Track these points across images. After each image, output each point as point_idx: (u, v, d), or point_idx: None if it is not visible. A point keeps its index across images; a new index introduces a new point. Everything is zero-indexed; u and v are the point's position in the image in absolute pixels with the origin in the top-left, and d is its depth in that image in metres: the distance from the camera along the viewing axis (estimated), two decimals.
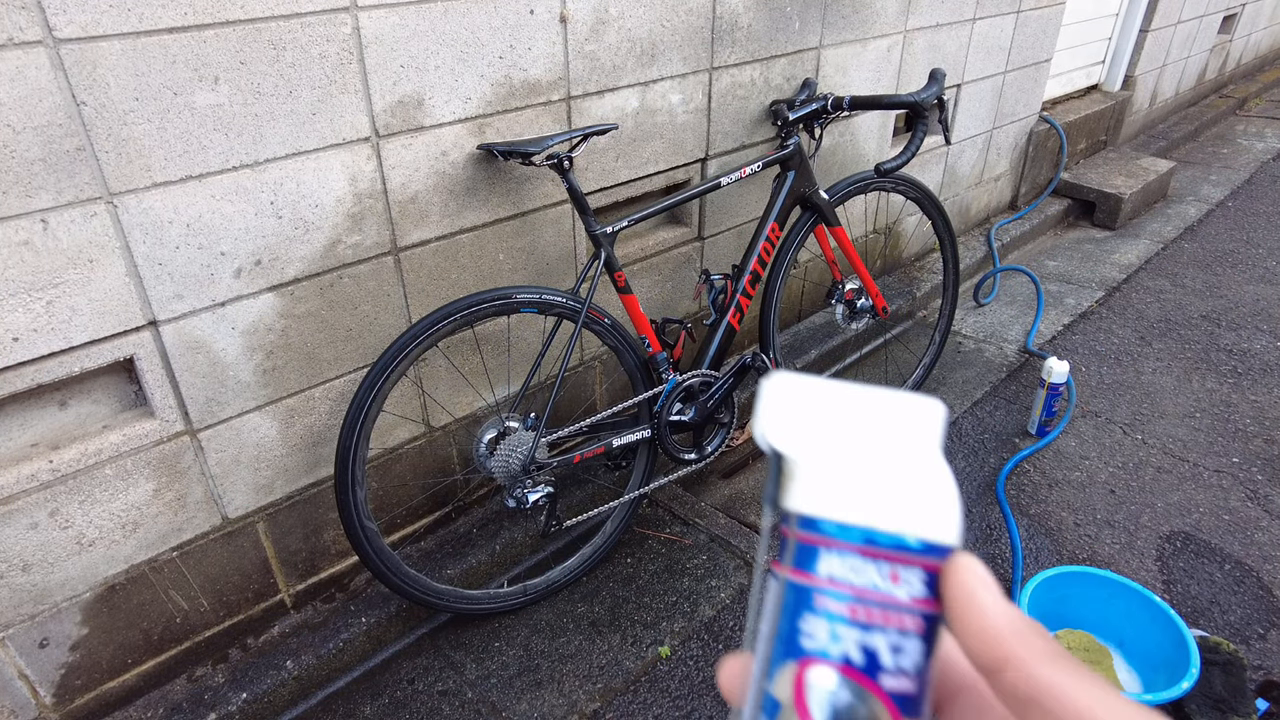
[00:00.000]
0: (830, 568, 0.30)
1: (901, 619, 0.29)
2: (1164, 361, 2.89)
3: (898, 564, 0.29)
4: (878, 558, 0.29)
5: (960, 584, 0.29)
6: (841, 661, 0.29)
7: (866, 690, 0.29)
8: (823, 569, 0.30)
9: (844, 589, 0.29)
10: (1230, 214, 4.14)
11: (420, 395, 1.81)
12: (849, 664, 0.29)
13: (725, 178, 1.95)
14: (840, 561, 0.30)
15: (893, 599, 0.29)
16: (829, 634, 0.29)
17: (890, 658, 0.29)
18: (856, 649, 0.29)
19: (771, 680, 0.30)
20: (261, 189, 1.41)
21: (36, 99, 1.16)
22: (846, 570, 0.29)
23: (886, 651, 0.29)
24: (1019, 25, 3.23)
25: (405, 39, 1.49)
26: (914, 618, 0.29)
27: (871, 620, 0.29)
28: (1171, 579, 1.98)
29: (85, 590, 1.45)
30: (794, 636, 0.30)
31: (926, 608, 0.30)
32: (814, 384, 0.33)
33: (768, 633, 0.31)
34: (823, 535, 0.30)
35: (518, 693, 1.70)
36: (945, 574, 0.30)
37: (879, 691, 0.29)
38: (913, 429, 0.32)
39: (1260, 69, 6.52)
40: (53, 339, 1.27)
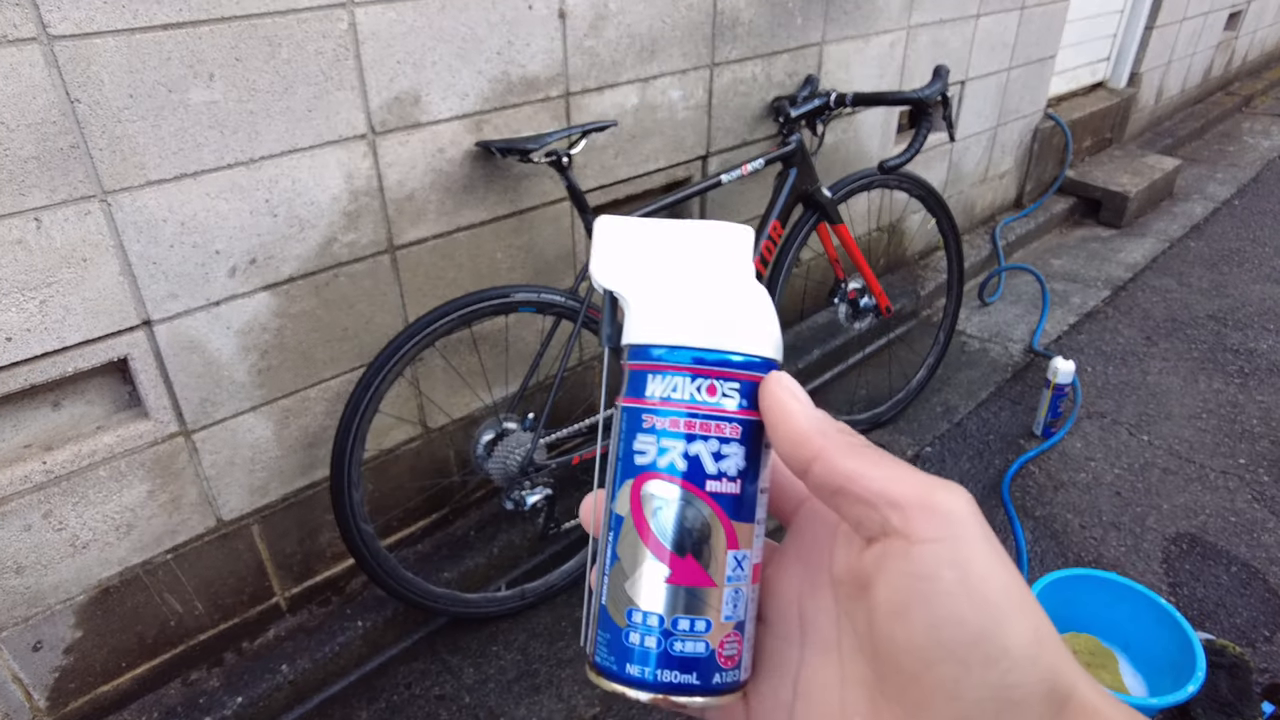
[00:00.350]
0: (656, 388, 0.32)
1: (722, 427, 0.32)
2: (1170, 361, 2.86)
3: (716, 378, 0.32)
4: (698, 373, 0.32)
5: (772, 396, 0.31)
6: (669, 471, 0.31)
7: (695, 495, 0.31)
8: (650, 391, 0.32)
9: (668, 405, 0.32)
10: (1237, 212, 4.12)
11: (417, 396, 1.80)
12: (675, 473, 0.31)
13: (726, 175, 1.93)
14: (664, 382, 0.32)
15: (712, 409, 0.32)
16: (657, 448, 0.32)
17: (714, 464, 0.31)
18: (682, 458, 0.31)
19: (615, 500, 0.33)
20: (257, 187, 1.40)
21: (30, 96, 1.14)
22: (669, 389, 0.32)
23: (710, 459, 0.31)
24: (1023, 21, 3.20)
25: (402, 35, 1.48)
26: (733, 425, 0.32)
27: (693, 430, 0.31)
28: (1178, 581, 1.96)
29: (79, 593, 1.43)
30: (630, 457, 0.32)
31: (746, 415, 0.32)
32: (636, 224, 0.35)
33: (612, 459, 0.34)
34: (655, 361, 0.32)
35: (516, 698, 1.68)
36: (761, 389, 0.32)
37: (705, 495, 0.31)
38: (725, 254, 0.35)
39: (1266, 66, 6.48)
40: (46, 339, 1.26)
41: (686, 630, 0.31)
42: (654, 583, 0.32)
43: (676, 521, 0.31)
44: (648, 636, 0.31)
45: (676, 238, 0.35)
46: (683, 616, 0.31)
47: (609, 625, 0.33)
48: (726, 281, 0.34)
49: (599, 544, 0.34)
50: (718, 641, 0.32)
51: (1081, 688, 0.27)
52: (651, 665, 0.31)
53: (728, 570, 0.32)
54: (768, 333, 0.33)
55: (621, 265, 0.35)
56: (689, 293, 0.33)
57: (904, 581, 0.28)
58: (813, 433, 0.30)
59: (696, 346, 0.32)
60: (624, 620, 0.32)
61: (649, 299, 0.34)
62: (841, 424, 0.31)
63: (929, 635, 0.27)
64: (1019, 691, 0.26)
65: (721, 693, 0.32)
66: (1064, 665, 0.27)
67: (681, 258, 0.35)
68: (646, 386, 0.32)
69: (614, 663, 0.32)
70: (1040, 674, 0.26)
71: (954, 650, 0.27)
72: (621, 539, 0.32)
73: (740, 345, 0.32)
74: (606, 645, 0.33)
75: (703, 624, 0.32)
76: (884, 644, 0.29)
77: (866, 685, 0.31)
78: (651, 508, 0.32)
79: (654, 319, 0.33)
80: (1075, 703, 0.27)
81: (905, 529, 0.28)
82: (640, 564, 0.32)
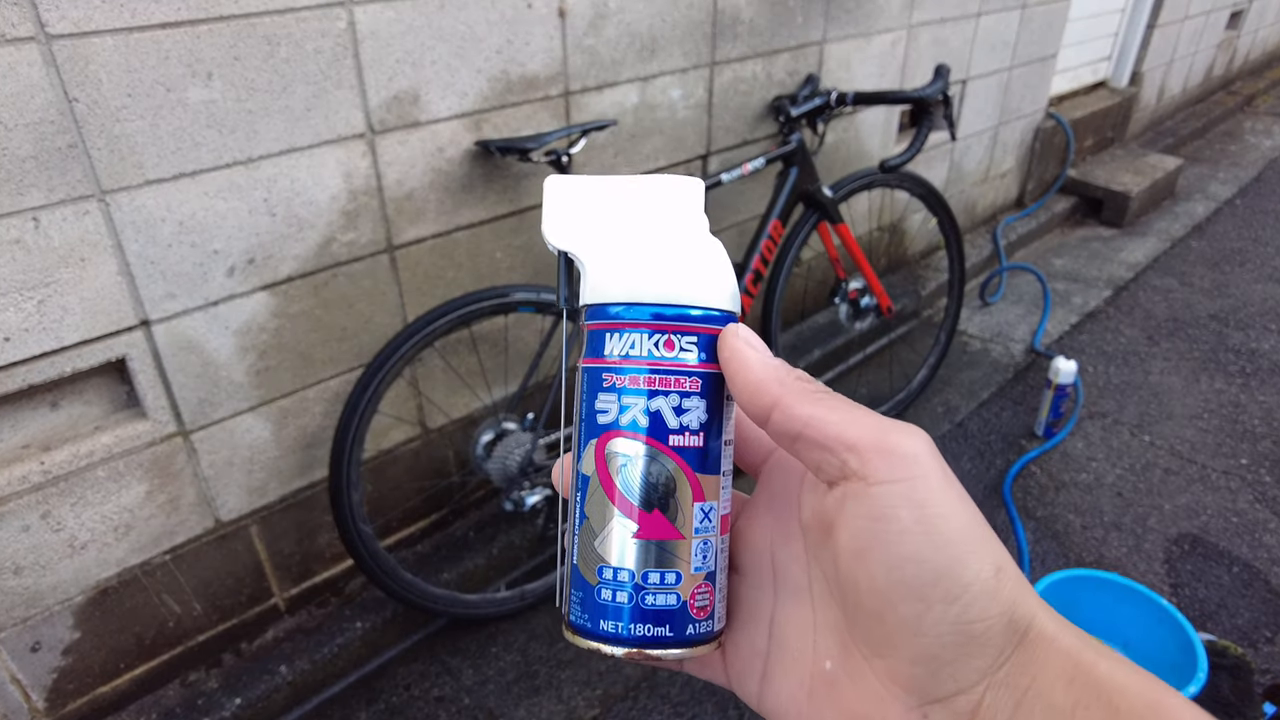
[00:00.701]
0: (615, 347, 0.32)
1: (681, 381, 0.32)
2: (1172, 361, 2.85)
3: (674, 333, 0.32)
4: (654, 329, 0.32)
5: (729, 347, 0.32)
6: (631, 429, 0.32)
7: (658, 450, 0.31)
8: (608, 349, 0.32)
9: (627, 363, 0.32)
10: (1238, 212, 4.11)
11: (416, 396, 1.79)
12: (638, 429, 0.32)
13: (726, 174, 1.92)
14: (621, 339, 0.32)
15: (671, 364, 0.32)
16: (618, 406, 0.32)
17: (675, 418, 0.32)
18: (643, 415, 0.32)
19: (580, 461, 0.33)
20: (255, 186, 1.39)
21: (28, 96, 1.14)
22: (626, 346, 0.32)
23: (670, 414, 0.32)
24: (1024, 20, 3.19)
25: (401, 33, 1.47)
26: (692, 379, 0.32)
27: (653, 386, 0.31)
28: (1179, 582, 1.95)
29: (77, 593, 1.43)
30: (592, 416, 0.32)
31: (706, 369, 0.32)
32: (586, 181, 0.35)
33: (576, 421, 0.34)
34: (607, 320, 0.32)
35: (515, 699, 1.68)
36: (719, 341, 0.32)
37: (668, 450, 0.32)
38: (677, 209, 0.35)
39: (1268, 65, 6.47)
40: (44, 339, 1.26)
41: (657, 583, 0.32)
42: (622, 539, 0.32)
43: (641, 477, 0.32)
44: (619, 592, 0.32)
45: (628, 194, 0.35)
46: (652, 570, 0.32)
47: (581, 584, 0.33)
48: (680, 236, 0.34)
49: (569, 506, 0.34)
50: (689, 593, 0.32)
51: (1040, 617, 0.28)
52: (625, 620, 0.32)
53: (695, 523, 0.32)
54: (724, 285, 0.33)
55: (574, 224, 0.35)
56: (644, 249, 0.33)
57: (863, 524, 0.28)
58: (770, 381, 0.30)
59: (653, 302, 0.32)
60: (595, 578, 0.32)
61: (604, 257, 0.33)
62: (800, 371, 0.31)
63: (889, 575, 0.28)
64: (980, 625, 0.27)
65: (696, 643, 0.33)
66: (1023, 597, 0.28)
67: (634, 214, 0.35)
68: (605, 345, 0.32)
69: (588, 620, 0.33)
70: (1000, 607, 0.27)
71: (915, 588, 0.27)
72: (589, 498, 0.33)
73: (697, 299, 0.32)
74: (580, 603, 0.33)
75: (673, 576, 0.32)
76: (849, 586, 0.30)
77: (836, 628, 0.31)
78: (616, 465, 0.32)
79: (610, 277, 0.33)
80: (1035, 632, 0.27)
81: (863, 471, 0.28)
82: (608, 521, 0.32)
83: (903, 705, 0.29)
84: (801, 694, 0.32)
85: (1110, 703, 0.25)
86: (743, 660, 0.35)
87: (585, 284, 0.34)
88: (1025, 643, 0.27)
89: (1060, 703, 0.26)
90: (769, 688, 0.34)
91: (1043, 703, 0.26)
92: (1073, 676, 0.26)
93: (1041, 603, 0.28)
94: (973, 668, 0.27)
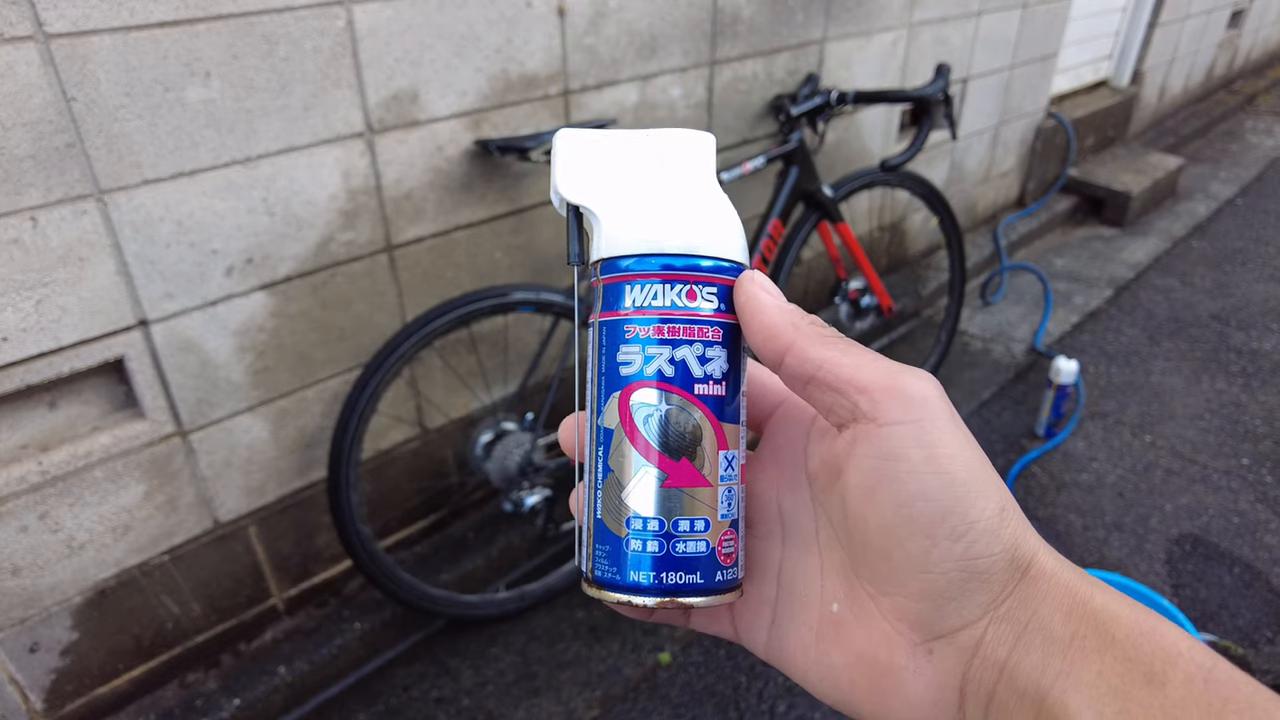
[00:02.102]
0: (634, 298, 0.32)
1: (704, 331, 0.32)
2: (1173, 361, 2.85)
3: (694, 283, 0.32)
4: (675, 280, 0.32)
5: (745, 292, 0.32)
6: (656, 379, 0.32)
7: (683, 399, 0.32)
8: (628, 301, 0.32)
9: (649, 314, 0.32)
10: (1240, 211, 4.10)
11: (415, 396, 1.79)
12: (663, 379, 0.32)
13: (727, 173, 1.92)
14: (642, 291, 0.32)
15: (693, 314, 0.32)
16: (642, 357, 0.32)
17: (699, 367, 0.32)
18: (668, 364, 0.32)
19: (601, 415, 0.33)
20: (253, 185, 1.39)
21: (26, 95, 1.13)
22: (648, 297, 0.32)
23: (695, 362, 0.32)
24: (1025, 19, 3.19)
25: (400, 32, 1.47)
26: (714, 329, 0.32)
27: (677, 336, 0.32)
28: (1180, 582, 1.95)
29: (75, 594, 1.42)
30: (614, 369, 0.33)
31: (725, 319, 0.33)
32: (597, 136, 0.35)
33: (593, 376, 0.34)
34: (625, 273, 0.32)
35: (515, 700, 1.67)
36: (736, 286, 0.33)
37: (693, 399, 0.32)
38: (690, 163, 0.35)
39: (1269, 65, 6.46)
40: (42, 339, 1.25)
41: (687, 530, 0.32)
42: (651, 488, 0.32)
43: (669, 426, 0.32)
44: (649, 541, 0.32)
45: (639, 148, 0.35)
46: (682, 518, 0.32)
47: (607, 537, 0.33)
48: (694, 188, 0.34)
49: (587, 463, 0.34)
50: (717, 539, 0.32)
51: (1041, 554, 0.29)
52: (656, 569, 0.32)
53: (720, 470, 0.32)
54: (739, 237, 0.34)
55: (586, 179, 0.34)
56: (660, 202, 0.33)
57: (873, 463, 0.29)
58: (785, 324, 0.31)
59: (675, 253, 0.32)
60: (623, 529, 0.32)
61: (620, 211, 0.33)
62: (814, 317, 0.32)
63: (898, 512, 0.29)
64: (984, 562, 0.28)
65: (724, 590, 0.33)
66: (1025, 535, 0.29)
67: (646, 168, 0.34)
68: (625, 297, 0.32)
69: (616, 573, 0.32)
70: (1003, 545, 0.28)
71: (922, 525, 0.28)
72: (613, 451, 0.33)
73: (715, 250, 0.32)
74: (607, 557, 0.33)
75: (702, 524, 0.32)
76: (857, 525, 0.31)
77: (843, 571, 0.32)
78: (642, 416, 0.32)
79: (628, 229, 0.33)
80: (1035, 568, 0.28)
81: (873, 413, 0.29)
82: (635, 472, 0.32)
83: (908, 641, 0.30)
84: (810, 638, 0.33)
85: (1106, 631, 0.27)
86: (751, 610, 0.35)
87: (600, 238, 0.33)
88: (1026, 578, 0.28)
89: (1059, 633, 0.27)
90: (776, 635, 0.34)
91: (1043, 634, 0.27)
92: (1070, 609, 0.27)
93: (1042, 541, 0.29)
94: (976, 602, 0.28)
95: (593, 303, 0.34)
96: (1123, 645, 0.26)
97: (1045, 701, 0.26)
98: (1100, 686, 0.26)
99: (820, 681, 0.33)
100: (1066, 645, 0.27)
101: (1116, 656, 0.26)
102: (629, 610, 0.34)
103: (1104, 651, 0.26)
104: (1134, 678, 0.25)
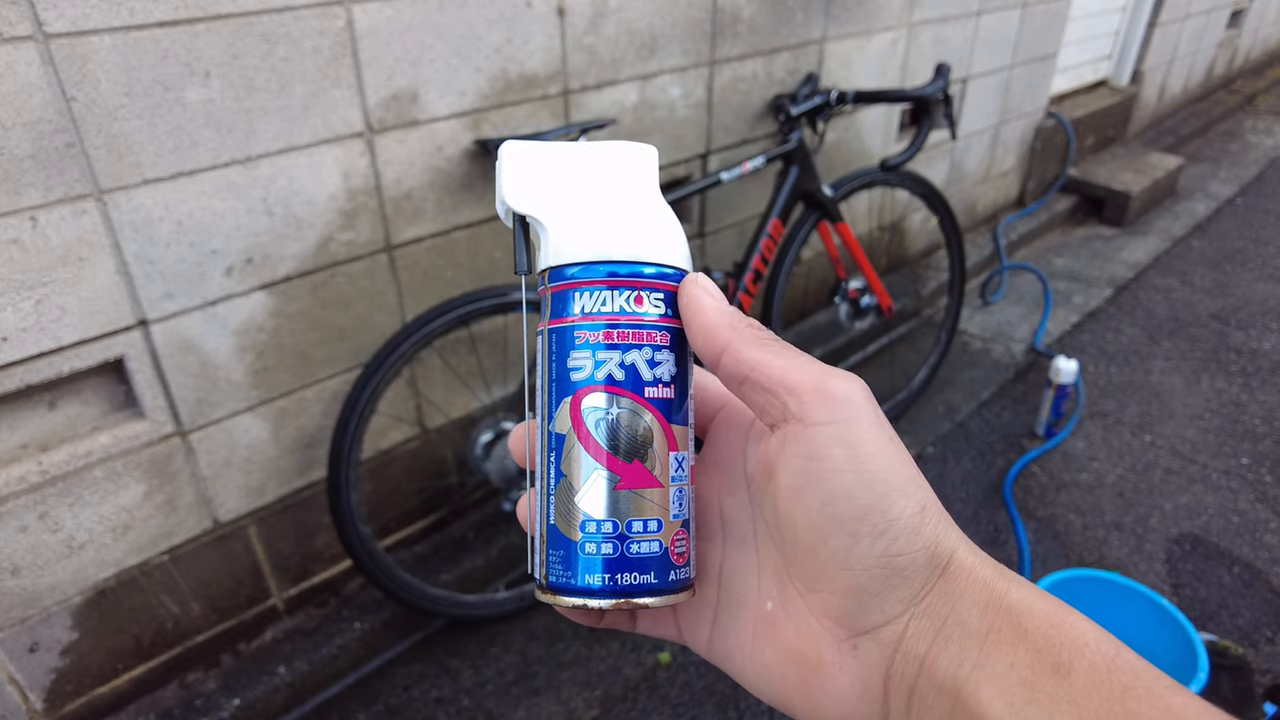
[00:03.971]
0: (583, 304, 0.33)
1: (652, 335, 0.33)
2: (1173, 361, 2.85)
3: (641, 289, 0.33)
4: (622, 285, 0.33)
5: (687, 294, 0.33)
6: (607, 383, 0.32)
7: (634, 402, 0.32)
8: (576, 308, 0.33)
9: (598, 320, 0.33)
10: (1239, 211, 4.10)
11: (415, 396, 1.79)
12: (613, 383, 0.32)
13: (726, 174, 1.92)
14: (590, 297, 0.33)
15: (641, 319, 0.33)
16: (593, 362, 0.32)
17: (648, 371, 0.33)
18: (618, 369, 0.32)
19: (553, 421, 0.33)
20: (253, 185, 1.39)
21: (26, 95, 1.13)
22: (596, 303, 0.33)
23: (644, 366, 0.33)
24: (1025, 19, 3.19)
25: (399, 32, 1.47)
26: (662, 333, 0.33)
27: (626, 340, 0.33)
28: (1180, 582, 1.95)
29: (75, 594, 1.42)
30: (564, 375, 0.33)
31: (672, 324, 0.34)
32: (543, 148, 0.36)
33: (543, 382, 0.34)
34: (572, 280, 0.33)
35: (514, 700, 1.67)
36: (680, 288, 0.34)
37: (644, 401, 0.33)
38: (633, 174, 0.36)
39: (1269, 64, 6.46)
40: (42, 339, 1.25)
41: (640, 531, 0.32)
42: (605, 491, 0.32)
43: (621, 429, 0.32)
44: (604, 544, 0.32)
45: (584, 159, 0.36)
46: (635, 519, 0.32)
47: (561, 542, 0.33)
48: (639, 199, 0.35)
49: (539, 469, 0.35)
50: (669, 539, 0.33)
51: (960, 551, 0.30)
52: (610, 571, 0.32)
53: (671, 471, 0.33)
54: (681, 244, 0.35)
55: (533, 188, 0.35)
56: (606, 210, 0.34)
57: (800, 463, 0.30)
58: (723, 326, 0.32)
59: (621, 260, 0.33)
60: (577, 533, 0.33)
61: (567, 220, 0.34)
62: (752, 320, 0.33)
63: (822, 511, 0.30)
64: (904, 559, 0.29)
65: (677, 590, 0.33)
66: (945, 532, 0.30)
67: (590, 179, 0.35)
68: (573, 304, 0.33)
69: (570, 577, 0.33)
70: (924, 542, 0.29)
71: (844, 523, 0.29)
72: (565, 456, 0.33)
73: (660, 256, 0.33)
74: (561, 562, 0.33)
75: (655, 524, 0.33)
76: (786, 524, 0.31)
77: (776, 569, 0.33)
78: (593, 420, 0.32)
79: (575, 238, 0.33)
80: (955, 564, 0.29)
81: (801, 413, 0.30)
82: (588, 476, 0.33)
83: (834, 638, 0.31)
84: (746, 635, 0.34)
85: (1019, 624, 0.28)
86: (694, 611, 0.36)
87: (547, 247, 0.34)
88: (945, 574, 0.29)
89: (976, 627, 0.28)
90: (719, 634, 0.35)
91: (960, 629, 0.28)
92: (987, 603, 0.28)
93: (963, 538, 0.30)
94: (897, 599, 0.29)
95: (541, 310, 0.35)
96: (1034, 637, 0.27)
97: (961, 693, 0.27)
98: (1011, 678, 0.27)
99: (755, 679, 0.34)
100: (982, 639, 0.28)
101: (1028, 648, 0.27)
102: (582, 615, 0.34)
103: (1017, 644, 0.27)
104: (1043, 668, 0.26)
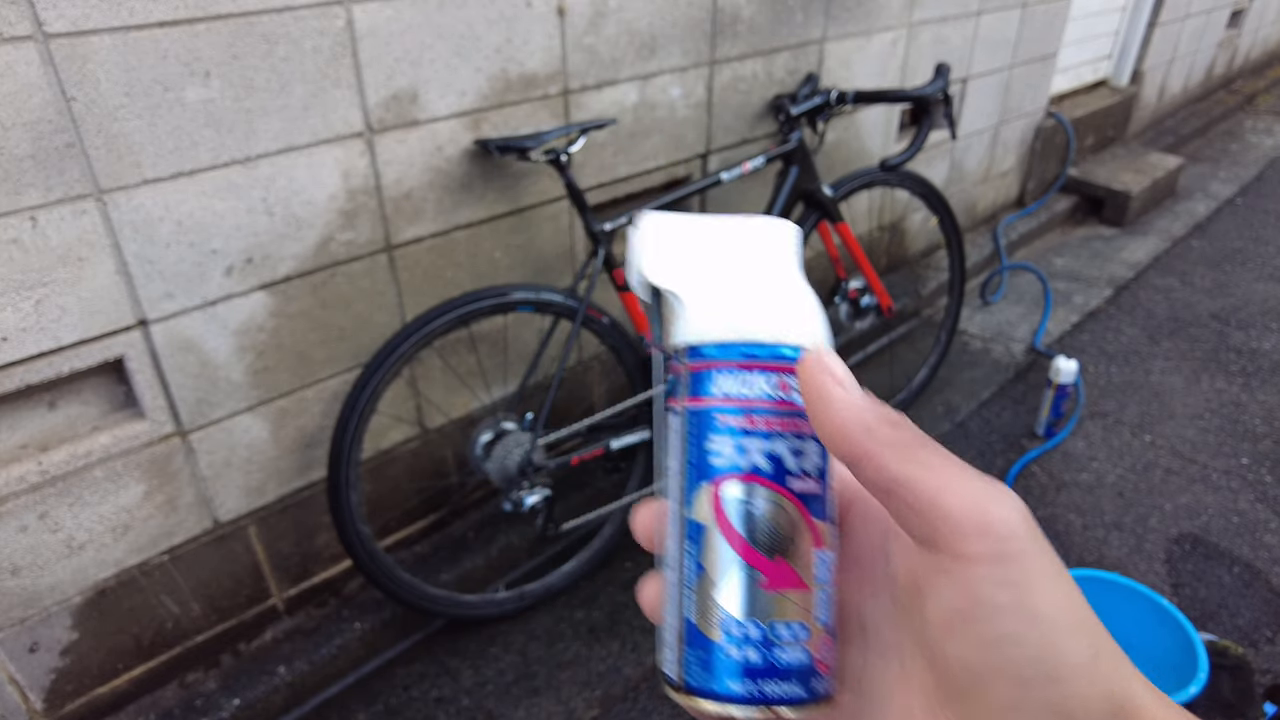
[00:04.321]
0: (723, 386, 0.31)
1: (796, 424, 0.31)
2: (1173, 361, 2.85)
3: (783, 373, 0.31)
4: (762, 369, 0.31)
5: (810, 381, 0.30)
6: (750, 471, 0.30)
7: (778, 494, 0.30)
8: (716, 389, 0.31)
9: (740, 403, 0.30)
10: (1239, 211, 4.10)
11: (415, 396, 1.79)
12: (758, 473, 0.30)
13: (726, 173, 1.92)
14: (731, 379, 0.31)
15: (785, 405, 0.31)
16: (734, 448, 0.30)
17: (793, 461, 0.30)
18: (762, 457, 0.30)
19: (690, 507, 0.31)
20: (253, 185, 1.39)
21: (26, 95, 1.13)
22: (738, 386, 0.31)
23: (789, 455, 0.30)
24: (1025, 19, 3.19)
25: (399, 32, 1.47)
26: (805, 421, 0.30)
27: (770, 428, 0.30)
28: (1180, 582, 1.95)
29: (75, 594, 1.42)
30: (703, 459, 0.31)
31: None
32: (680, 220, 0.34)
33: (678, 466, 0.32)
34: (709, 359, 0.31)
35: (514, 700, 1.67)
36: (799, 371, 0.30)
37: (789, 494, 0.30)
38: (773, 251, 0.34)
39: (1269, 64, 6.46)
40: (42, 339, 1.25)
41: (787, 637, 0.30)
42: (749, 590, 0.30)
43: (766, 524, 0.30)
44: (748, 648, 0.30)
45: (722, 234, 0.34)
46: (780, 623, 0.30)
47: (701, 642, 0.31)
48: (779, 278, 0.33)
49: (674, 558, 0.32)
50: (816, 647, 0.31)
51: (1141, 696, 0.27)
52: (754, 678, 0.30)
53: (816, 572, 0.31)
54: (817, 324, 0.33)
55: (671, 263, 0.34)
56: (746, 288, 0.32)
57: (956, 600, 0.28)
58: (858, 429, 0.29)
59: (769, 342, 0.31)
60: (719, 634, 0.30)
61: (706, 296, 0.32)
62: (889, 413, 0.29)
63: (983, 653, 0.27)
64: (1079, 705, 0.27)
65: (821, 701, 0.31)
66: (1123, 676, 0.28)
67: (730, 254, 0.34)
68: (715, 385, 0.31)
69: (713, 681, 0.30)
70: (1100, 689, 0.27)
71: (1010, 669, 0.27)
72: (705, 548, 0.31)
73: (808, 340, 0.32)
74: (700, 663, 0.31)
75: (801, 630, 0.30)
76: (938, 656, 0.29)
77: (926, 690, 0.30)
78: (736, 511, 0.30)
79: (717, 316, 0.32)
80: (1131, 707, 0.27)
81: (957, 547, 0.27)
82: (731, 572, 0.30)
83: None
84: None
85: None
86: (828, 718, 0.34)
87: (684, 322, 0.32)
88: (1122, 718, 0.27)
89: None
90: None
91: None
92: None
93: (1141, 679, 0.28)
94: None
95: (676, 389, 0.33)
96: None
97: None
98: None
99: None
100: None
101: None
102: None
103: None
104: None
